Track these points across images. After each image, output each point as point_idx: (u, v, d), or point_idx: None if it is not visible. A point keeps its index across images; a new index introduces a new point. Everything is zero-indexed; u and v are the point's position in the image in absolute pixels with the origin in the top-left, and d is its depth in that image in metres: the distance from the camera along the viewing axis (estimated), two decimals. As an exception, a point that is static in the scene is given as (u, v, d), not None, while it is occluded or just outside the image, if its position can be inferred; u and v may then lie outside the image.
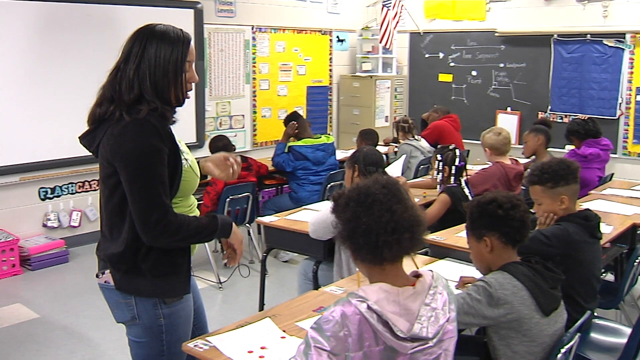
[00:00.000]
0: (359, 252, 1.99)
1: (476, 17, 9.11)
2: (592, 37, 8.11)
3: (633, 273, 4.03)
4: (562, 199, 3.26)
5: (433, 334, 1.92)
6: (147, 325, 2.43)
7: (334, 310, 1.89)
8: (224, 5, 7.88)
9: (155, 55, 2.35)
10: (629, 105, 7.92)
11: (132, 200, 2.29)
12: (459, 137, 7.61)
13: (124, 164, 2.28)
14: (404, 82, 9.85)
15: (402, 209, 1.96)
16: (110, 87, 2.37)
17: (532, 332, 2.48)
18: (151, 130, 2.29)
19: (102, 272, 2.45)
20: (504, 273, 2.52)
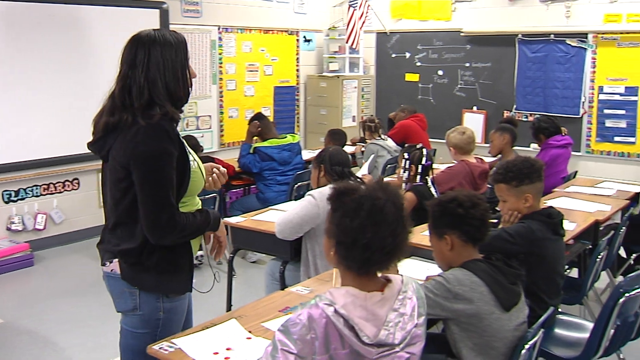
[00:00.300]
0: (347, 259, 1.97)
1: (442, 17, 9.17)
2: (556, 37, 8.21)
3: (596, 269, 4.09)
4: (526, 197, 3.30)
5: (400, 339, 1.92)
6: (146, 317, 2.54)
7: (301, 313, 1.88)
8: (190, 5, 7.84)
9: (163, 59, 2.47)
10: (592, 104, 8.04)
11: (142, 201, 2.41)
12: (426, 137, 7.65)
13: (137, 166, 2.39)
14: (371, 81, 9.88)
15: (404, 235, 1.97)
16: (120, 95, 2.46)
17: (493, 327, 2.50)
18: (163, 134, 2.41)
19: (109, 261, 2.55)
20: (463, 270, 2.54)
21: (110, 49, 6.75)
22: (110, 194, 2.54)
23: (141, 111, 2.42)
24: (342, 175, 3.99)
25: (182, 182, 2.50)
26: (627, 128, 7.82)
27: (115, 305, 2.62)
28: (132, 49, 2.51)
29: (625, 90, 7.81)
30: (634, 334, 3.32)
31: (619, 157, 7.87)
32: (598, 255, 4.01)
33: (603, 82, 7.97)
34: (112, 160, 2.47)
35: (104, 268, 2.58)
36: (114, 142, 2.46)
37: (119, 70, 2.51)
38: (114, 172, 2.48)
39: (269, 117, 8.64)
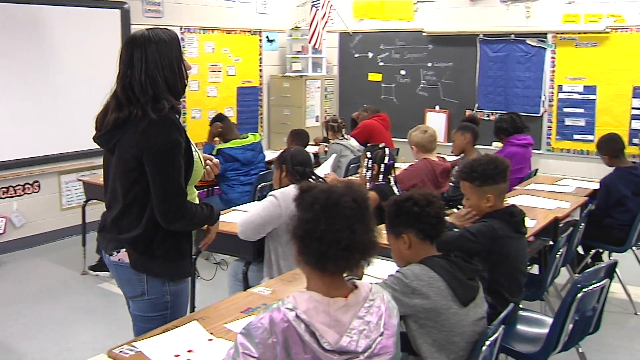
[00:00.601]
0: (306, 255, 1.97)
1: (404, 17, 9.22)
2: (516, 37, 8.31)
3: (556, 265, 4.15)
4: (488, 197, 3.35)
5: (363, 347, 1.91)
6: (154, 301, 2.73)
7: (263, 317, 1.88)
8: (152, 5, 7.77)
9: (160, 56, 2.63)
10: (552, 102, 8.15)
11: (156, 188, 2.59)
12: (389, 136, 7.68)
13: (150, 157, 2.57)
14: (334, 81, 9.90)
15: (363, 230, 1.95)
16: (123, 93, 2.63)
17: (451, 322, 2.52)
18: (172, 126, 2.61)
19: (116, 251, 2.73)
20: (421, 265, 2.57)
21: (72, 49, 6.78)
22: (118, 183, 2.68)
23: (149, 105, 2.58)
24: (304, 175, 3.99)
25: (187, 171, 2.69)
26: (585, 126, 7.95)
27: (124, 292, 2.83)
28: (128, 50, 2.66)
29: (584, 89, 7.93)
30: (591, 328, 3.38)
31: (578, 154, 7.99)
32: (557, 252, 4.08)
33: (562, 81, 8.08)
34: (122, 152, 2.64)
35: (111, 258, 2.75)
36: (123, 135, 2.62)
37: (118, 70, 2.68)
38: (123, 163, 2.64)
39: (232, 118, 8.64)
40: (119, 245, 2.72)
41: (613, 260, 3.39)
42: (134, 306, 2.80)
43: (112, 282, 5.63)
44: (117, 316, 5.01)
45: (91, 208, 6.09)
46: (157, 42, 2.65)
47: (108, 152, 2.74)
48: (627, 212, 5.17)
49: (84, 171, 7.05)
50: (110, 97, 2.70)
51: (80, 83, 6.87)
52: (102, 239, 2.83)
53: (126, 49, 2.67)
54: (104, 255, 2.84)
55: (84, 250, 5.96)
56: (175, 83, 2.68)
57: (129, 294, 2.80)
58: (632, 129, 7.64)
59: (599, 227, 5.19)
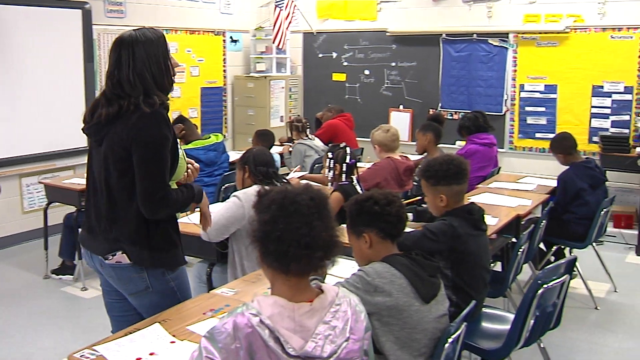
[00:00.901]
0: (267, 257, 1.95)
1: (368, 17, 9.26)
2: (478, 37, 8.39)
3: (518, 262, 4.20)
4: (441, 197, 3.38)
5: (329, 353, 1.90)
6: (160, 291, 2.85)
7: (227, 321, 1.86)
8: (114, 5, 7.69)
9: (147, 55, 2.74)
10: (514, 101, 8.24)
11: (141, 179, 2.69)
12: (353, 136, 7.71)
13: (139, 148, 2.67)
14: (298, 81, 9.89)
15: (322, 227, 1.94)
16: (112, 91, 2.73)
17: (413, 318, 2.54)
18: (162, 120, 2.73)
19: (111, 255, 2.79)
20: (382, 263, 2.58)
21: (33, 50, 6.69)
22: (105, 174, 2.77)
23: (140, 99, 2.69)
24: (266, 175, 3.99)
25: (172, 165, 2.78)
26: (547, 125, 8.06)
27: (126, 289, 2.88)
28: (116, 50, 2.77)
29: (545, 88, 8.04)
30: (552, 324, 3.43)
31: (540, 152, 8.10)
32: (519, 249, 4.13)
33: (524, 81, 8.18)
34: (111, 143, 2.72)
35: (108, 261, 2.81)
36: (113, 127, 2.71)
37: (107, 70, 2.81)
38: (112, 154, 2.72)
39: (196, 119, 8.60)
40: (115, 246, 2.79)
41: (573, 257, 3.44)
42: (140, 301, 2.89)
43: (76, 285, 5.60)
44: (81, 320, 4.96)
45: (53, 211, 6.02)
46: (144, 42, 2.76)
47: (96, 143, 2.82)
48: (585, 205, 5.28)
49: (45, 174, 6.95)
50: (99, 95, 2.81)
51: (41, 84, 6.79)
52: (92, 241, 2.88)
53: (114, 49, 2.78)
54: (90, 258, 2.90)
55: (46, 253, 5.88)
56: (162, 80, 2.79)
57: (131, 291, 2.87)
58: (592, 127, 7.76)
59: (560, 223, 5.28)
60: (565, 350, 4.44)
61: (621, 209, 7.28)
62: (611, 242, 6.84)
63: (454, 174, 3.39)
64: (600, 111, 7.73)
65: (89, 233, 2.91)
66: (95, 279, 5.63)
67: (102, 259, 2.82)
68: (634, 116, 7.51)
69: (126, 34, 2.79)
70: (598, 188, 5.45)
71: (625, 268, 6.18)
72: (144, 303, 2.88)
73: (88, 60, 7.25)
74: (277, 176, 4.09)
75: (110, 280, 2.91)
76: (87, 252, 2.94)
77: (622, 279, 5.73)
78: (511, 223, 4.63)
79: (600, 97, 7.71)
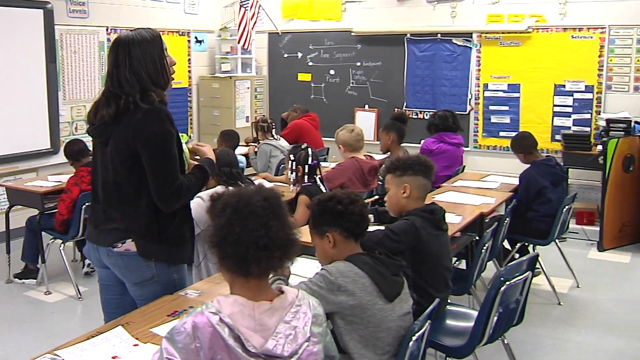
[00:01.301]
0: (226, 261, 1.94)
1: (332, 17, 9.27)
2: (442, 37, 8.46)
3: (481, 260, 4.24)
4: (405, 187, 3.39)
5: (290, 352, 1.89)
6: (164, 282, 2.94)
7: (186, 321, 1.85)
8: (76, 5, 7.60)
9: (143, 54, 2.85)
10: (478, 100, 8.32)
11: (153, 175, 2.79)
12: (319, 136, 7.73)
13: (147, 146, 2.77)
14: (263, 82, 9.88)
15: (279, 227, 1.93)
16: (112, 90, 2.83)
17: (376, 317, 2.55)
18: (165, 117, 2.83)
19: (121, 242, 2.88)
20: (345, 262, 2.59)
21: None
22: (113, 174, 2.86)
23: (138, 98, 2.78)
24: (230, 176, 3.98)
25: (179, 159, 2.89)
26: (510, 123, 8.15)
27: (131, 278, 2.94)
28: (114, 50, 2.87)
29: (508, 87, 8.14)
30: (516, 320, 3.47)
31: (504, 151, 8.18)
32: (483, 247, 4.17)
33: (488, 80, 8.27)
34: (117, 143, 2.82)
35: (116, 249, 2.88)
36: (117, 127, 2.80)
37: (107, 70, 2.91)
38: (118, 153, 2.83)
39: (161, 119, 8.50)
40: (124, 235, 2.87)
41: (535, 254, 3.48)
42: (142, 291, 2.95)
43: (39, 289, 5.53)
44: (44, 324, 4.90)
45: (15, 214, 5.93)
46: (140, 41, 2.87)
47: (101, 144, 2.90)
48: (547, 202, 5.36)
49: (7, 176, 6.84)
50: (101, 95, 2.88)
51: (3, 85, 6.69)
52: (99, 233, 2.95)
53: (112, 49, 2.89)
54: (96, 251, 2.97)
55: (8, 257, 5.80)
56: (157, 78, 2.88)
57: (137, 280, 2.93)
58: (554, 125, 7.87)
59: (523, 221, 5.34)
60: (529, 346, 4.50)
61: (583, 206, 7.39)
62: (574, 239, 6.93)
63: (422, 165, 3.42)
64: (562, 110, 7.85)
65: (95, 228, 2.99)
66: (59, 283, 5.59)
67: (110, 249, 2.90)
68: (595, 114, 7.63)
69: (123, 35, 2.90)
70: (559, 185, 5.54)
71: (588, 264, 6.28)
72: (145, 293, 2.94)
73: (50, 60, 7.15)
74: (241, 176, 4.09)
75: (115, 270, 2.96)
76: (93, 246, 3.01)
77: (585, 275, 5.82)
78: (475, 221, 4.67)
79: (562, 96, 7.83)
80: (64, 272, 5.57)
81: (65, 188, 5.40)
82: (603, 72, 7.57)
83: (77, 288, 5.42)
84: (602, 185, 6.73)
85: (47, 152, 7.17)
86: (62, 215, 5.35)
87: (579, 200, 7.28)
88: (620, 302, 5.35)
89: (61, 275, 5.69)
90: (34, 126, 7.04)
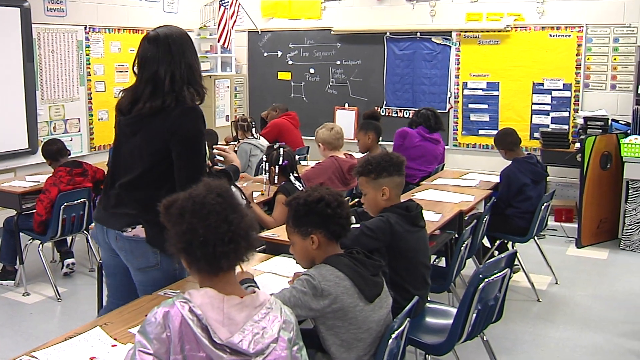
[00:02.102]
0: (196, 264, 1.96)
1: (312, 16, 9.27)
2: (422, 35, 8.48)
3: (461, 257, 4.26)
4: (383, 190, 3.39)
5: (255, 350, 1.90)
6: (165, 270, 3.07)
7: (157, 311, 1.88)
8: (54, 4, 7.54)
9: (192, 52, 3.05)
10: (457, 99, 8.36)
11: (185, 169, 2.95)
12: (299, 134, 7.73)
13: (180, 142, 2.92)
14: (243, 80, 9.86)
15: (239, 218, 1.96)
16: (156, 84, 2.94)
17: (358, 319, 2.56)
18: (200, 117, 3.00)
19: (131, 227, 3.01)
20: (326, 266, 2.58)
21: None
22: (139, 162, 2.99)
23: (181, 94, 2.93)
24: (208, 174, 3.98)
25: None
26: (489, 121, 8.19)
27: (135, 263, 3.08)
28: (164, 45, 2.98)
29: (487, 85, 8.18)
30: (495, 317, 3.49)
31: (483, 149, 8.23)
32: (463, 244, 4.19)
33: (467, 78, 8.31)
34: (150, 135, 2.95)
35: (126, 233, 3.02)
36: (152, 120, 2.93)
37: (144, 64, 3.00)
38: (150, 145, 2.96)
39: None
40: (134, 221, 3.00)
41: (513, 251, 3.51)
42: (144, 276, 3.08)
43: (17, 290, 5.48)
44: (22, 326, 4.86)
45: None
46: (187, 40, 3.06)
47: (131, 133, 3.03)
48: (527, 199, 5.40)
49: (-16, 177, 6.78)
50: (140, 86, 2.99)
51: (-22, 85, 6.63)
52: (109, 218, 3.09)
53: (161, 44, 2.98)
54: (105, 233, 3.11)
55: (-15, 258, 5.75)
56: (200, 74, 3.07)
57: (142, 265, 3.06)
58: (533, 123, 7.93)
59: (502, 218, 5.38)
60: (508, 343, 4.53)
61: (561, 203, 7.45)
62: (552, 236, 7.00)
63: (395, 165, 3.40)
64: (541, 108, 7.91)
65: (105, 210, 3.12)
66: (38, 284, 5.55)
67: (120, 233, 3.03)
68: (573, 112, 7.69)
69: (170, 31, 3.04)
70: (539, 183, 5.58)
71: (566, 260, 6.34)
72: (146, 279, 3.08)
73: (28, 60, 7.08)
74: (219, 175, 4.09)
75: (121, 254, 3.10)
76: (101, 227, 3.14)
77: (563, 271, 5.87)
78: (454, 219, 4.69)
79: (541, 94, 7.88)
80: (43, 273, 5.53)
81: (44, 188, 5.36)
82: (581, 70, 7.63)
83: (56, 289, 5.38)
84: (580, 183, 6.79)
85: (25, 152, 7.11)
86: (40, 215, 5.31)
87: (558, 198, 7.34)
88: (599, 298, 5.40)
89: (40, 277, 5.65)
90: (11, 126, 6.97)
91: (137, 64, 3.05)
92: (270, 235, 3.82)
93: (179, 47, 2.99)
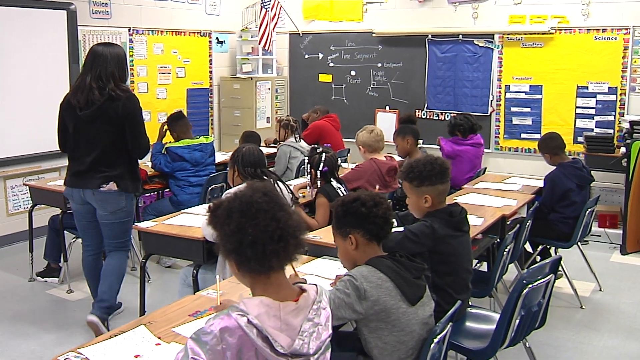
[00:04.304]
0: (246, 265, 1.95)
1: (354, 18, 9.26)
2: (464, 38, 8.41)
3: (503, 262, 4.21)
4: (425, 197, 3.37)
5: (314, 349, 1.91)
6: (129, 209, 4.50)
7: (213, 323, 1.86)
8: (99, 6, 7.66)
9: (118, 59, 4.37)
10: (499, 102, 8.27)
11: (136, 138, 4.34)
12: (339, 137, 7.72)
13: (130, 118, 4.28)
14: (284, 82, 9.88)
15: (286, 216, 1.96)
16: (95, 82, 4.23)
17: (400, 321, 2.55)
18: (137, 100, 4.38)
19: (105, 184, 4.32)
20: (368, 267, 2.58)
21: (18, 51, 6.66)
22: (102, 139, 4.27)
23: (118, 87, 4.25)
24: (254, 176, 4.02)
25: None
26: (532, 125, 8.09)
27: (108, 208, 4.38)
28: (91, 55, 4.33)
29: (530, 88, 8.07)
30: (538, 323, 3.44)
31: (525, 153, 8.13)
32: (505, 249, 4.14)
33: (509, 81, 8.21)
34: (106, 119, 4.23)
35: (101, 189, 4.31)
36: (103, 108, 4.20)
37: (91, 67, 4.28)
38: (104, 126, 4.24)
39: (183, 120, 8.55)
40: (107, 179, 4.31)
41: (558, 256, 3.45)
42: (114, 216, 4.42)
43: (61, 288, 5.57)
44: (66, 322, 4.93)
45: (38, 213, 5.99)
46: (110, 48, 4.39)
47: (89, 122, 4.24)
48: (571, 205, 5.31)
49: (30, 175, 6.91)
50: (83, 86, 4.25)
51: (27, 85, 6.75)
52: (83, 179, 4.34)
53: (90, 54, 4.35)
54: (82, 193, 4.37)
55: (31, 256, 5.85)
56: (122, 76, 4.37)
57: (113, 208, 4.38)
58: (577, 127, 7.80)
59: (545, 223, 5.30)
60: (551, 350, 4.46)
61: (606, 209, 7.32)
62: (596, 242, 6.88)
63: (439, 173, 3.38)
64: (585, 111, 7.77)
65: (77, 176, 4.37)
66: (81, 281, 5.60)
67: (97, 190, 4.30)
68: (618, 116, 7.56)
69: (102, 45, 4.41)
70: (584, 188, 5.48)
71: (610, 267, 6.22)
72: (114, 217, 4.42)
73: (74, 61, 7.20)
74: (266, 174, 4.12)
75: (97, 204, 4.38)
76: (77, 190, 4.38)
77: (607, 278, 5.77)
78: (497, 223, 4.65)
79: (585, 97, 7.75)
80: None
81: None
82: (627, 73, 7.49)
83: (98, 287, 5.44)
84: (625, 188, 6.67)
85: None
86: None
87: (602, 203, 7.21)
88: (644, 306, 5.30)
89: (83, 274, 5.72)
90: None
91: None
92: (313, 237, 3.82)
93: (113, 57, 4.32)
